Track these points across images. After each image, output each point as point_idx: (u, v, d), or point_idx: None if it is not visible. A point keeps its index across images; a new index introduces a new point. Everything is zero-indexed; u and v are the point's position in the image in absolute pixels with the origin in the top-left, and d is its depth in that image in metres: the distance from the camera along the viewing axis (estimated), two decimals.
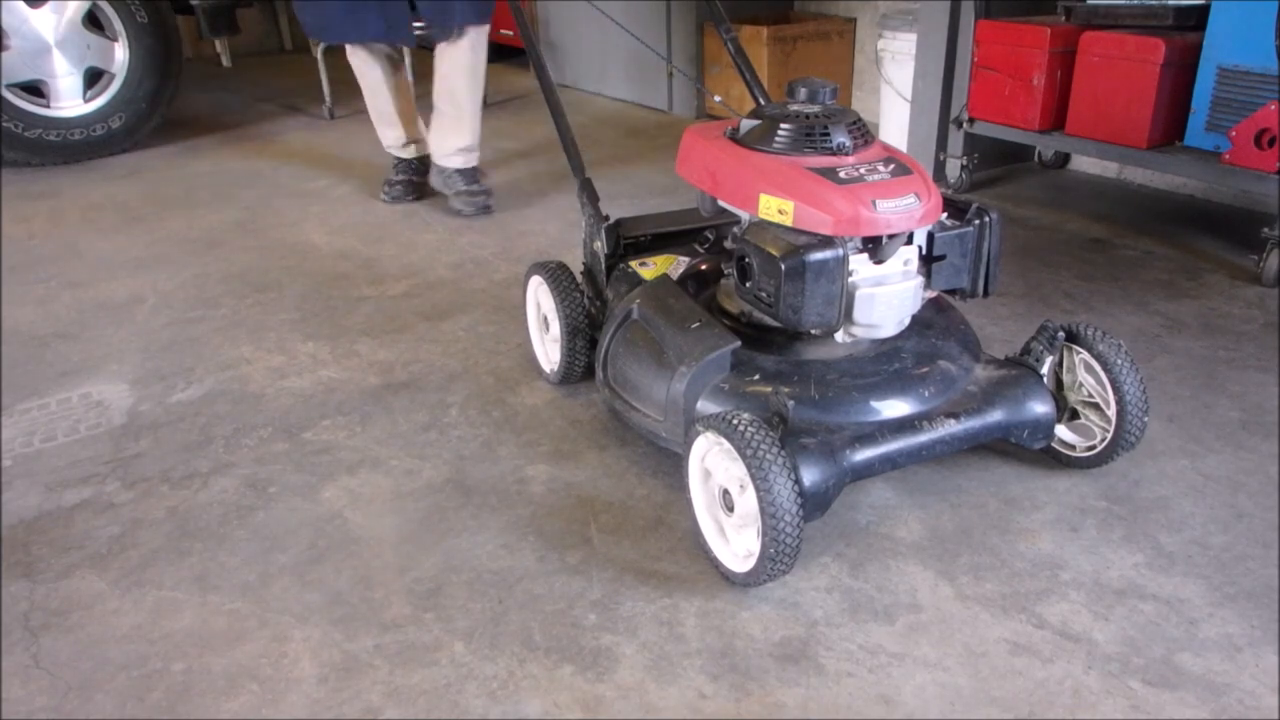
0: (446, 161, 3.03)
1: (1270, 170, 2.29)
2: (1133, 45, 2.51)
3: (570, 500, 1.58)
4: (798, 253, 1.36)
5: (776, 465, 1.24)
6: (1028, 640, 1.27)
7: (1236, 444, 1.69)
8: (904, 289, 1.44)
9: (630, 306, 1.63)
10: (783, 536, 1.25)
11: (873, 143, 1.51)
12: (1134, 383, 1.49)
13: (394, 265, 2.64)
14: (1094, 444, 1.57)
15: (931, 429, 1.44)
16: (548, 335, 1.95)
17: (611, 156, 3.71)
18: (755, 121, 1.52)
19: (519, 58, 5.60)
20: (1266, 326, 2.13)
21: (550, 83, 1.95)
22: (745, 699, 1.19)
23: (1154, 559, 1.41)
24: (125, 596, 1.38)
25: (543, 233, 2.87)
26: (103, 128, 3.72)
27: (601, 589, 1.38)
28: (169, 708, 1.19)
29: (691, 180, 1.62)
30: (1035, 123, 2.77)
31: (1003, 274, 1.95)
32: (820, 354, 1.52)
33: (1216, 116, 2.45)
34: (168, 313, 2.36)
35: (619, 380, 1.62)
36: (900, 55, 3.35)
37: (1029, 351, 1.57)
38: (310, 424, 1.83)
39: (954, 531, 1.48)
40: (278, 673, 1.24)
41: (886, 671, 1.22)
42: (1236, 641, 1.25)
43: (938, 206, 1.45)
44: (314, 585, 1.40)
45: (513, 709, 1.18)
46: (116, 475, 1.68)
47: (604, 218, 1.84)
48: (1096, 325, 1.54)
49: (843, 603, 1.34)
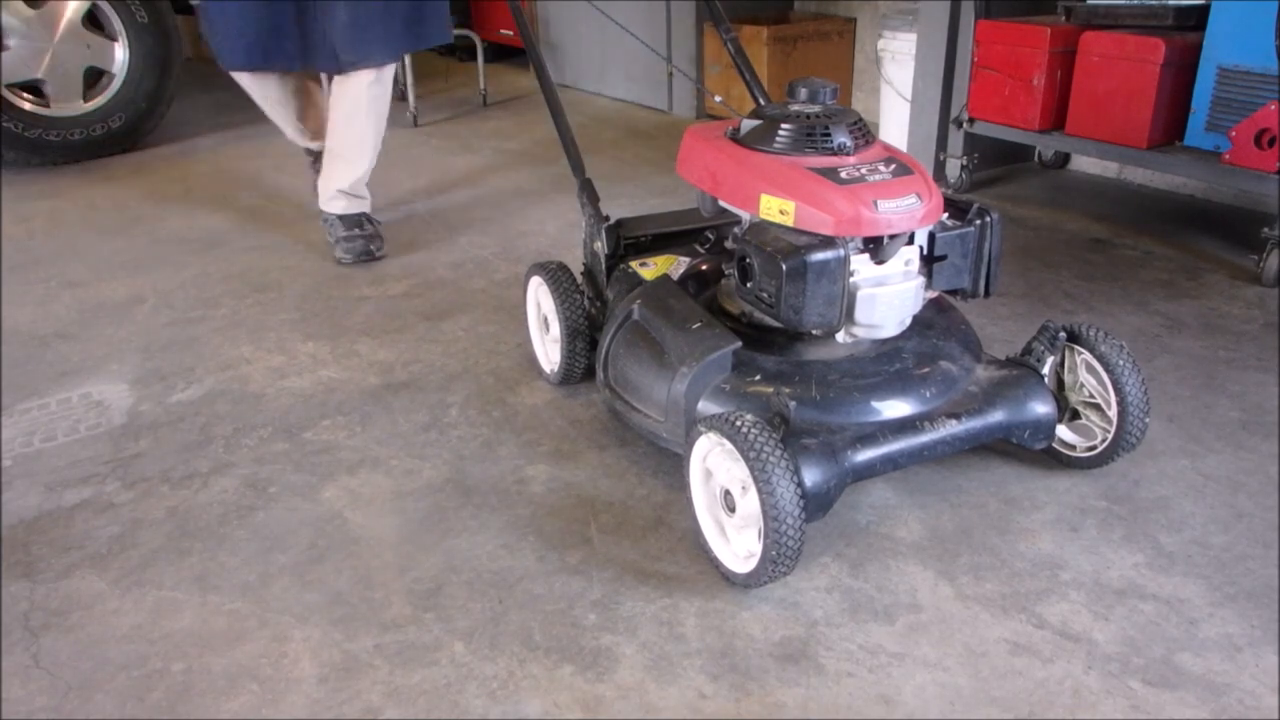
0: (327, 206, 2.69)
1: (1270, 170, 2.29)
2: (1133, 45, 2.51)
3: (570, 500, 1.58)
4: (799, 253, 1.36)
5: (779, 466, 1.24)
6: (1028, 640, 1.27)
7: (1236, 444, 1.69)
8: (905, 289, 1.44)
9: (631, 307, 1.63)
10: (784, 537, 1.25)
11: (874, 143, 1.51)
12: (1135, 383, 1.49)
13: (394, 265, 2.64)
14: (1095, 444, 1.57)
15: (933, 429, 1.44)
16: (548, 336, 1.95)
17: (611, 157, 3.71)
18: (756, 121, 1.52)
19: (519, 58, 5.60)
20: (1266, 326, 2.13)
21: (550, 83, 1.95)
22: (745, 699, 1.19)
23: (1154, 559, 1.41)
24: (125, 596, 1.38)
25: (543, 233, 2.87)
26: (103, 128, 3.72)
27: (601, 589, 1.38)
28: (169, 708, 1.19)
29: (692, 180, 1.62)
30: (1035, 123, 2.77)
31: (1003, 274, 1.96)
32: (821, 354, 1.52)
33: (1216, 116, 2.45)
34: (168, 313, 2.36)
35: (619, 381, 1.61)
36: (900, 55, 3.35)
37: (1030, 352, 1.57)
38: (310, 424, 1.83)
39: (954, 531, 1.48)
40: (278, 673, 1.24)
41: (886, 671, 1.22)
42: (1236, 641, 1.25)
43: (939, 207, 1.45)
44: (314, 585, 1.40)
45: (513, 709, 1.18)
46: (116, 475, 1.68)
47: (604, 218, 1.84)
48: (1097, 325, 1.54)
49: (843, 603, 1.34)
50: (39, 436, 1.81)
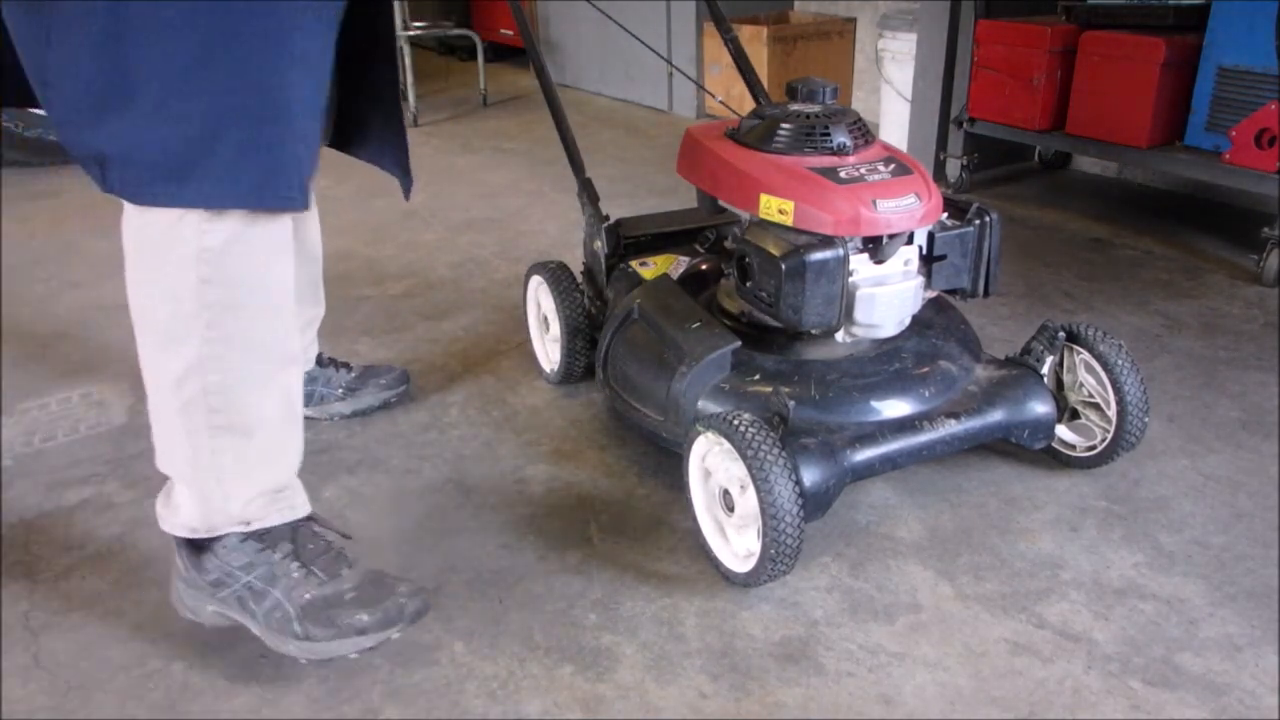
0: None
1: (1270, 170, 2.29)
2: (1133, 45, 2.51)
3: (570, 500, 1.58)
4: (798, 253, 1.36)
5: (777, 465, 1.24)
6: (1028, 640, 1.27)
7: (1236, 444, 1.69)
8: (904, 289, 1.44)
9: (631, 306, 1.63)
10: (783, 537, 1.25)
11: (873, 142, 1.51)
12: (1135, 383, 1.49)
13: (394, 265, 2.63)
14: (1094, 444, 1.57)
15: (932, 429, 1.44)
16: (548, 335, 1.95)
17: (612, 156, 3.71)
18: (756, 121, 1.52)
19: (519, 57, 5.60)
20: (1266, 326, 2.13)
21: (550, 82, 1.95)
22: (745, 699, 1.19)
23: (1154, 559, 1.41)
24: (125, 596, 1.38)
25: (543, 233, 2.87)
26: None
27: (601, 589, 1.38)
28: (169, 708, 1.19)
29: (691, 180, 1.62)
30: (1035, 122, 2.77)
31: (1003, 274, 1.96)
32: (821, 354, 1.52)
33: (1216, 116, 2.45)
34: None
35: (619, 380, 1.61)
36: (900, 55, 3.35)
37: (1029, 351, 1.57)
38: (310, 423, 1.83)
39: (954, 531, 1.48)
40: (278, 673, 1.24)
41: (886, 671, 1.22)
42: (1236, 641, 1.25)
43: (938, 206, 1.45)
44: None
45: (513, 709, 1.18)
46: (117, 475, 1.68)
47: (604, 218, 1.84)
48: (1097, 325, 1.54)
49: (843, 602, 1.34)
50: (39, 436, 1.81)
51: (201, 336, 1.11)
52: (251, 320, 1.14)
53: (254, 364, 1.15)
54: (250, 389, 1.16)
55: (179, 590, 1.25)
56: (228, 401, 1.14)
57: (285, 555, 1.22)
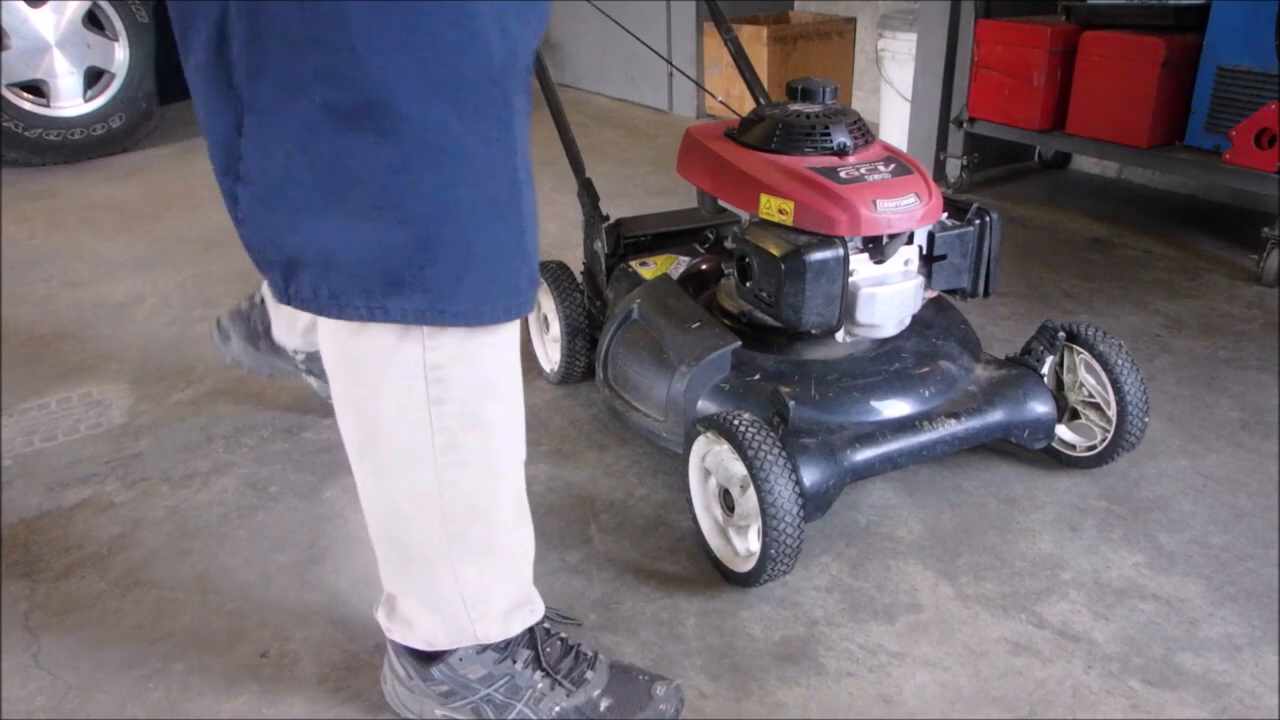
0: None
1: (1270, 170, 2.29)
2: (1133, 45, 2.51)
3: (570, 500, 1.58)
4: (798, 252, 1.36)
5: (777, 465, 1.24)
6: (1028, 640, 1.27)
7: (1236, 444, 1.69)
8: (904, 289, 1.44)
9: (630, 306, 1.63)
10: (783, 536, 1.25)
11: (873, 142, 1.51)
12: (1135, 383, 1.49)
13: None
14: (1094, 444, 1.57)
15: (932, 429, 1.44)
16: (548, 335, 1.95)
17: (612, 156, 3.71)
18: (756, 121, 1.52)
19: None
20: (1266, 326, 2.13)
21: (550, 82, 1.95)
22: (745, 699, 1.19)
23: (1154, 559, 1.41)
24: (125, 596, 1.38)
25: (543, 232, 2.85)
26: (103, 127, 3.72)
27: (601, 589, 1.38)
28: (169, 708, 1.19)
29: (691, 180, 1.62)
30: (1035, 122, 2.77)
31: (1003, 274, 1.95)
32: (820, 354, 1.52)
33: (1216, 116, 2.45)
34: (168, 313, 2.36)
35: (619, 380, 1.61)
36: (900, 55, 3.35)
37: (1029, 351, 1.57)
38: (310, 423, 1.83)
39: (954, 531, 1.48)
40: (278, 673, 1.24)
41: (887, 671, 1.22)
42: (1236, 641, 1.25)
43: (938, 206, 1.45)
44: (314, 585, 1.40)
45: None
46: (117, 475, 1.68)
47: (604, 217, 1.84)
48: (1097, 325, 1.54)
49: (843, 602, 1.34)
50: (39, 436, 1.81)
51: (436, 463, 0.98)
52: (489, 435, 1.00)
53: (493, 480, 1.03)
54: (491, 508, 1.04)
55: (397, 692, 1.14)
56: (467, 527, 1.03)
57: (526, 664, 1.11)
